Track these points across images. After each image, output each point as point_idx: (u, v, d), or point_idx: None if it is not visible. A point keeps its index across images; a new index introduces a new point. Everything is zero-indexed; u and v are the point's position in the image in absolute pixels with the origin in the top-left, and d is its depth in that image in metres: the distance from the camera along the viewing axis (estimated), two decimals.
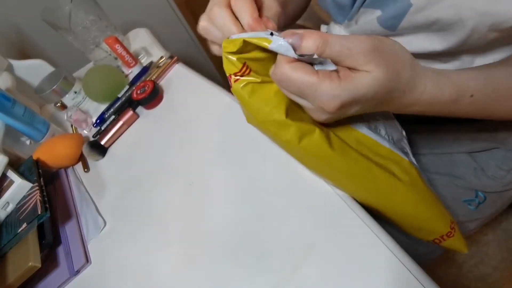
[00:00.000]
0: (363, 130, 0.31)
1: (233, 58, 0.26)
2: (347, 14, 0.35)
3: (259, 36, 0.25)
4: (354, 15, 0.34)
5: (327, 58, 0.23)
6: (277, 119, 0.27)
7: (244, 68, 0.27)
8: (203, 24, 0.30)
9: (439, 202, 0.33)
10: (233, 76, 0.27)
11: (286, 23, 0.43)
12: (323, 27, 0.43)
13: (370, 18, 0.33)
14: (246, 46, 0.26)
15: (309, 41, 0.22)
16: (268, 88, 0.27)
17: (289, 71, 0.23)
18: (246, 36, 0.25)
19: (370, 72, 0.22)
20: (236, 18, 0.28)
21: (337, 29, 0.38)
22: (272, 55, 0.26)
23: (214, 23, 0.29)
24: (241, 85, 0.27)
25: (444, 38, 0.30)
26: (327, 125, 0.29)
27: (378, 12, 0.32)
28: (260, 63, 0.27)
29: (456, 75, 0.28)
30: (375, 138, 0.32)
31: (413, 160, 0.34)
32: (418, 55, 0.32)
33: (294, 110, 0.28)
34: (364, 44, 0.22)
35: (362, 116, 0.32)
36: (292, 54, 0.23)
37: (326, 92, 0.22)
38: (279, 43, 0.23)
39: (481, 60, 0.34)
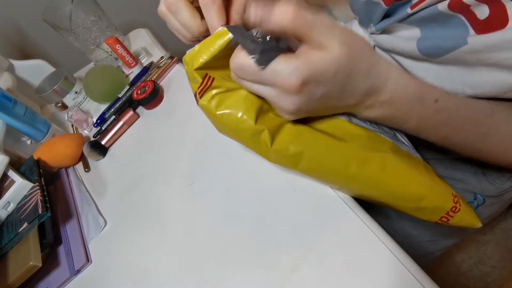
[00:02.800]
0: (353, 121, 0.31)
1: (195, 73, 0.27)
2: (376, 19, 0.32)
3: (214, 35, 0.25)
4: (385, 27, 0.31)
5: (291, 34, 0.22)
6: (248, 126, 0.26)
7: (206, 80, 0.27)
8: (162, 9, 0.30)
9: (437, 177, 0.31)
10: (197, 93, 0.28)
11: None
12: (340, 24, 0.40)
13: (406, 35, 0.29)
14: (210, 60, 0.26)
15: (282, 10, 0.21)
16: (234, 95, 0.27)
17: (243, 58, 0.22)
18: (200, 44, 0.26)
19: (331, 48, 0.22)
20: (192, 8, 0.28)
21: (361, 31, 0.35)
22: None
23: (173, 14, 0.29)
24: (207, 100, 0.27)
25: (480, 86, 0.27)
26: (306, 121, 0.29)
27: (416, 31, 0.28)
28: (222, 70, 0.28)
29: (415, 75, 0.27)
30: (359, 124, 0.31)
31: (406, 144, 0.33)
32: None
33: (264, 113, 0.27)
34: (328, 20, 0.22)
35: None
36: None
37: (284, 71, 0.22)
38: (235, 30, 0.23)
39: None
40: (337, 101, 0.25)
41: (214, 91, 0.27)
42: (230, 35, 0.25)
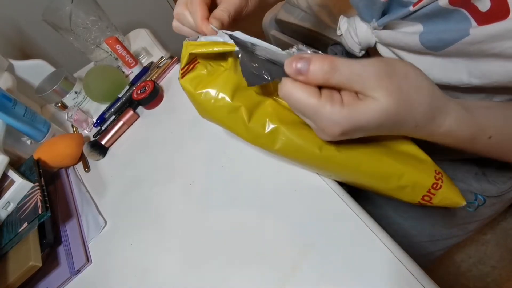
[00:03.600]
0: None
1: (186, 57, 0.29)
2: (376, 15, 0.32)
3: (220, 41, 0.27)
4: (387, 22, 0.31)
5: (335, 85, 0.22)
6: (224, 103, 0.28)
7: (192, 63, 0.29)
8: (174, 24, 0.33)
9: (420, 152, 0.31)
10: (180, 73, 0.29)
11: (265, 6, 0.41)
12: (343, 19, 0.39)
13: (408, 30, 0.30)
14: (206, 54, 0.28)
15: (317, 65, 0.21)
16: (213, 76, 0.29)
17: (290, 90, 0.22)
18: (209, 39, 0.28)
19: (377, 100, 0.21)
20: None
21: (364, 27, 0.34)
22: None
23: (182, 23, 0.32)
24: (188, 80, 0.29)
25: (486, 75, 0.27)
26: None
27: (419, 27, 0.29)
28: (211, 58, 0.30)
29: (479, 113, 0.26)
30: None
31: None
32: (443, 86, 0.30)
33: (241, 91, 0.28)
34: (376, 68, 0.21)
35: None
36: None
37: (326, 117, 0.21)
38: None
39: (503, 97, 0.31)
40: (379, 134, 0.25)
41: (195, 73, 0.29)
42: (236, 49, 0.26)
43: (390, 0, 0.30)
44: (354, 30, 0.35)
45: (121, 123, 0.54)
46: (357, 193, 0.52)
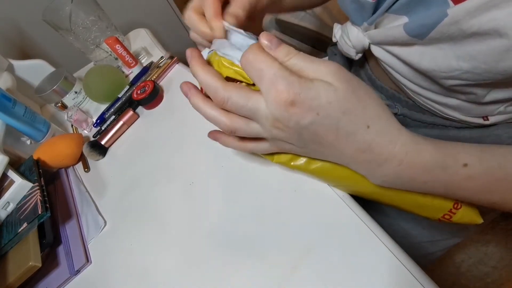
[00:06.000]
0: None
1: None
2: (367, 16, 0.33)
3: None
4: (376, 20, 0.32)
5: (292, 67, 0.23)
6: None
7: None
8: (191, 34, 0.33)
9: None
10: None
11: (283, 10, 0.42)
12: (337, 26, 0.40)
13: (394, 24, 0.31)
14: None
15: (285, 46, 0.24)
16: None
17: (258, 52, 0.23)
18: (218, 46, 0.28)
19: (329, 83, 0.22)
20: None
21: (355, 31, 0.35)
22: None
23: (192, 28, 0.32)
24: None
25: (473, 56, 0.26)
26: None
27: (404, 19, 0.29)
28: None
29: (441, 142, 0.25)
30: None
31: None
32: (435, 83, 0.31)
33: None
34: (332, 64, 0.23)
35: None
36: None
37: (285, 79, 0.22)
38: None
39: (494, 94, 0.30)
40: (330, 141, 0.24)
41: None
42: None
43: (378, 0, 0.31)
44: (347, 35, 0.36)
45: (121, 123, 0.54)
46: None
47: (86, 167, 0.53)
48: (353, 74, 0.24)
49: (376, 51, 0.34)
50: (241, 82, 0.27)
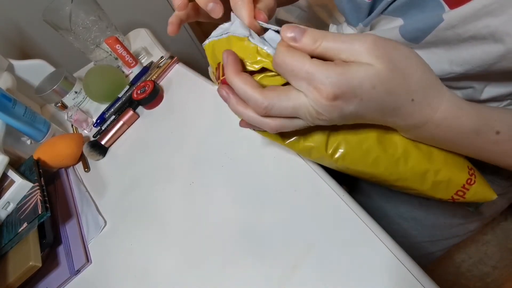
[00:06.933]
0: None
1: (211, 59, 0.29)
2: (363, 17, 0.33)
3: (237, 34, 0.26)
4: (371, 21, 0.32)
5: (325, 53, 0.22)
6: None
7: (220, 70, 0.28)
8: None
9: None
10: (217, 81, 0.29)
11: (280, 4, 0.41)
12: (332, 27, 0.40)
13: (390, 26, 0.30)
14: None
15: (309, 33, 0.22)
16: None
17: (285, 53, 0.22)
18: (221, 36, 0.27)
19: (368, 64, 0.21)
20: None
21: (350, 31, 0.35)
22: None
23: None
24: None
25: (467, 61, 0.27)
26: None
27: (399, 21, 0.29)
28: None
29: (479, 106, 0.25)
30: None
31: None
32: None
33: None
34: (365, 38, 0.21)
35: None
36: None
37: (321, 74, 0.21)
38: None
39: (491, 89, 0.30)
40: (373, 118, 0.24)
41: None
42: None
43: (373, 1, 0.30)
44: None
45: (121, 123, 0.54)
46: (357, 193, 0.52)
47: (86, 167, 0.53)
48: (389, 39, 0.22)
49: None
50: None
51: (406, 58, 0.22)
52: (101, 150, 0.53)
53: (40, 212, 0.39)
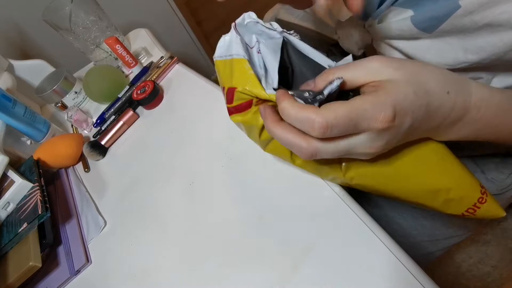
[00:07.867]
0: None
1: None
2: (371, 10, 0.32)
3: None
4: (382, 12, 0.31)
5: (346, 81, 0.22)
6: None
7: (228, 95, 0.29)
8: None
9: (464, 168, 0.30)
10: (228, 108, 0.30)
11: None
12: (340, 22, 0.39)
13: (400, 17, 0.30)
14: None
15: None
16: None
17: (333, 115, 0.21)
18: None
19: (392, 78, 0.21)
20: None
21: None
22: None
23: None
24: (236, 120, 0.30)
25: (483, 48, 0.26)
26: None
27: (409, 12, 0.29)
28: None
29: (501, 90, 0.26)
30: None
31: None
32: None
33: None
34: (370, 59, 0.22)
35: None
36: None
37: (370, 106, 0.20)
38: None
39: (500, 80, 0.30)
40: (423, 127, 0.24)
41: (239, 117, 0.30)
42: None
43: None
44: (350, 31, 0.36)
45: (121, 123, 0.54)
46: (357, 193, 0.52)
47: (86, 167, 0.53)
48: (388, 56, 0.23)
49: (379, 46, 0.34)
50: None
51: (413, 63, 0.23)
52: (101, 150, 0.53)
53: (40, 212, 0.39)
